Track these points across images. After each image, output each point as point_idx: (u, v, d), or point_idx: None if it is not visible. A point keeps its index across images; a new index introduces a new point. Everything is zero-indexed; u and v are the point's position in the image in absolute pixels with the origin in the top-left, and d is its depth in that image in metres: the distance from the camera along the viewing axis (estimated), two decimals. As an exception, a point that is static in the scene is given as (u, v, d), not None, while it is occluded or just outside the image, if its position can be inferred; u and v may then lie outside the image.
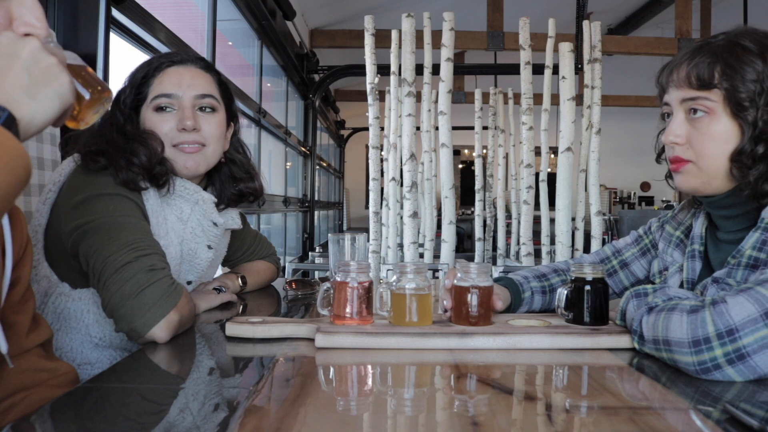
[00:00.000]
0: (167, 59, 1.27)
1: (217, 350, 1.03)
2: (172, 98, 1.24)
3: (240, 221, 1.46)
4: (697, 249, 1.09)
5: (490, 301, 1.04)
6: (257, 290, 1.59)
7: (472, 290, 1.02)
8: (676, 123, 1.02)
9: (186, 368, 0.95)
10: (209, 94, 1.28)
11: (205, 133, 1.26)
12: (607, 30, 8.14)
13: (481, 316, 1.02)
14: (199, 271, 1.34)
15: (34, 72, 0.69)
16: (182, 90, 1.25)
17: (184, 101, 1.24)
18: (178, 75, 1.26)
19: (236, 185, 1.38)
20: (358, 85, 9.21)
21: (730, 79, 0.97)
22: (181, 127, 1.23)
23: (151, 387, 0.81)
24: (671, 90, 1.04)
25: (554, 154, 3.20)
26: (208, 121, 1.27)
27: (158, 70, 1.25)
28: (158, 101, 1.24)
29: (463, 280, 1.03)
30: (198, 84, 1.27)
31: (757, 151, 0.96)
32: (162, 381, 0.86)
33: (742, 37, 0.99)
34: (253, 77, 4.58)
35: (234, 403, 0.72)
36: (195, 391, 0.78)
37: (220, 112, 1.30)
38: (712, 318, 0.79)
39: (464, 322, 1.02)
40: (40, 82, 0.69)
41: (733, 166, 0.98)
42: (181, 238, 1.27)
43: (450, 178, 3.02)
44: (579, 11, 4.36)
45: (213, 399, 0.75)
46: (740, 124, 0.97)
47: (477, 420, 0.65)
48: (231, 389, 0.80)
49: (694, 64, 1.00)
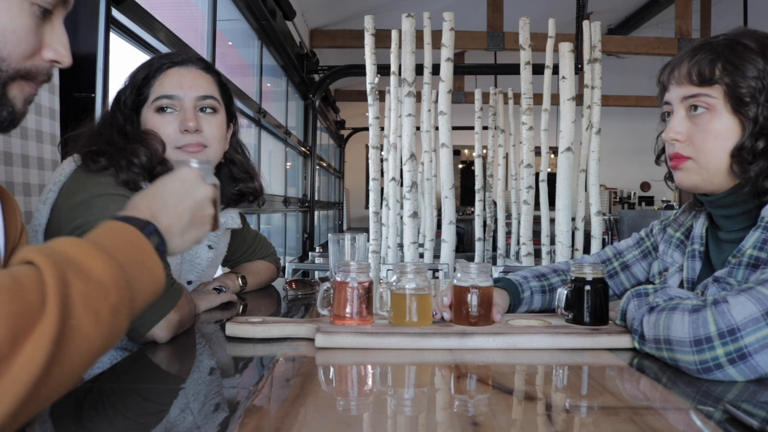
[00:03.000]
0: (168, 60, 1.27)
1: (217, 350, 1.02)
2: (173, 99, 1.24)
3: (240, 221, 1.46)
4: (698, 249, 1.09)
5: (491, 301, 1.04)
6: (257, 290, 1.59)
7: (472, 290, 1.02)
8: (677, 120, 1.02)
9: (186, 368, 0.95)
10: (210, 95, 1.28)
11: (206, 134, 1.26)
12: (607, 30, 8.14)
13: (481, 316, 1.02)
14: (200, 271, 1.34)
15: (196, 216, 0.79)
16: (183, 91, 1.25)
17: (186, 102, 1.25)
18: (180, 76, 1.26)
19: (236, 185, 1.38)
20: (358, 85, 9.21)
21: (731, 75, 0.97)
22: (183, 128, 1.23)
23: (151, 387, 0.81)
24: (672, 88, 1.04)
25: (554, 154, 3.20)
26: (209, 122, 1.27)
27: (159, 71, 1.26)
28: (160, 102, 1.24)
29: (463, 280, 1.03)
30: (199, 85, 1.27)
31: (758, 147, 0.96)
32: (162, 381, 0.86)
33: (743, 37, 1.00)
34: (253, 77, 4.58)
35: (234, 403, 0.72)
36: (195, 391, 0.78)
37: (220, 112, 1.30)
38: (713, 317, 0.79)
39: (464, 322, 1.02)
40: (194, 226, 0.79)
41: (733, 162, 0.98)
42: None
43: (450, 178, 3.02)
44: (579, 11, 4.36)
45: (213, 399, 0.75)
46: (741, 120, 0.97)
47: (477, 420, 0.65)
48: (231, 389, 0.80)
49: (695, 61, 1.00)
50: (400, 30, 2.93)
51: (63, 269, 0.57)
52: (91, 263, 0.60)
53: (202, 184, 0.81)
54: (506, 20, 5.68)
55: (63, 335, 0.54)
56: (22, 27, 0.72)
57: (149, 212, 0.74)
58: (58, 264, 0.57)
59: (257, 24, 4.33)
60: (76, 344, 0.56)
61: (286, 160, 5.81)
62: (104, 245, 0.64)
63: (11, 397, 0.50)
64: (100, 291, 0.59)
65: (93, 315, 0.58)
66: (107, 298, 0.60)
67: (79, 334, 0.56)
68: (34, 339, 0.51)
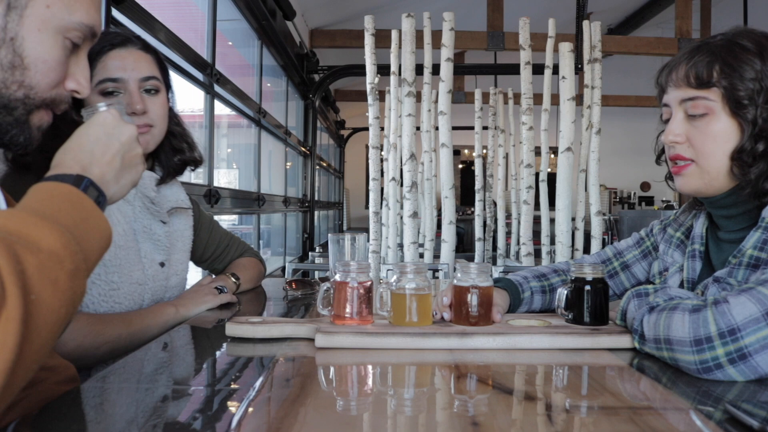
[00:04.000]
0: (107, 42, 1.26)
1: (217, 350, 1.03)
2: (118, 82, 1.24)
3: (186, 198, 1.45)
4: (698, 249, 1.09)
5: (491, 300, 1.04)
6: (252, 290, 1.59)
7: (472, 290, 1.02)
8: (676, 122, 1.02)
9: (186, 368, 0.95)
10: (153, 76, 1.29)
11: (152, 115, 1.28)
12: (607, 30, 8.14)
13: (481, 316, 1.02)
14: (165, 249, 1.33)
15: (126, 159, 0.79)
16: (127, 73, 1.25)
17: (130, 85, 1.25)
18: (121, 58, 1.25)
19: (176, 156, 1.39)
20: (358, 85, 9.21)
21: (728, 77, 0.97)
22: (130, 111, 1.24)
23: (151, 387, 0.81)
24: (670, 90, 1.04)
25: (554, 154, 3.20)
26: (154, 102, 1.28)
27: (100, 53, 1.25)
28: (104, 86, 1.23)
29: (463, 280, 1.03)
30: (142, 66, 1.27)
31: (758, 149, 0.96)
32: (162, 381, 0.86)
33: (741, 37, 0.99)
34: (253, 77, 4.58)
35: (234, 403, 0.72)
36: (195, 391, 0.78)
37: (162, 91, 1.31)
38: (714, 317, 0.79)
39: (464, 322, 1.02)
40: (126, 168, 0.79)
41: (733, 164, 0.98)
42: (129, 217, 1.27)
43: (450, 178, 3.03)
44: (579, 11, 4.36)
45: (213, 399, 0.75)
46: (740, 122, 0.97)
47: (477, 420, 0.65)
48: (231, 389, 0.80)
49: (692, 64, 1.00)
50: (400, 30, 2.93)
51: (11, 246, 0.54)
52: (38, 234, 0.58)
53: (125, 125, 0.80)
54: (506, 20, 5.68)
55: (27, 313, 0.52)
56: (54, 59, 0.75)
57: (79, 166, 0.73)
58: (4, 242, 0.54)
59: (257, 24, 4.33)
60: (41, 318, 0.54)
61: (286, 160, 5.81)
62: (45, 212, 0.63)
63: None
64: (53, 260, 0.58)
65: (51, 285, 0.56)
66: (63, 265, 0.59)
67: (42, 307, 0.55)
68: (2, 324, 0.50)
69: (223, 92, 3.47)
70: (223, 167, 4.80)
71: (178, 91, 1.46)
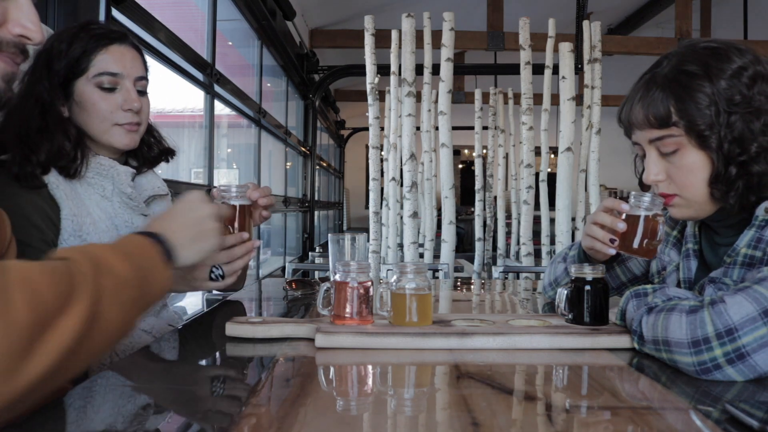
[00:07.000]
0: (108, 37, 1.27)
1: (218, 350, 1.03)
2: (116, 77, 1.25)
3: (163, 185, 1.45)
4: (692, 248, 1.10)
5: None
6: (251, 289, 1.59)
7: (655, 218, 1.03)
8: (652, 162, 1.03)
9: (186, 368, 0.95)
10: (144, 76, 1.31)
11: (143, 114, 1.30)
12: (607, 30, 8.13)
13: (655, 249, 1.04)
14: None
15: (199, 230, 0.91)
16: (126, 70, 1.26)
17: (127, 82, 1.26)
18: (121, 54, 1.27)
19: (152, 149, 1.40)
20: (358, 85, 9.20)
21: (685, 112, 0.97)
22: (127, 107, 1.25)
23: (151, 387, 0.81)
24: (636, 131, 1.05)
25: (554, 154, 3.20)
26: (144, 103, 1.30)
27: (101, 45, 1.25)
28: (102, 78, 1.24)
29: (640, 208, 1.04)
30: (136, 65, 1.29)
31: (731, 173, 0.96)
32: (162, 381, 0.86)
33: (686, 62, 0.99)
34: (253, 77, 4.58)
35: (234, 404, 0.72)
36: (195, 392, 0.78)
37: (147, 92, 1.33)
38: (711, 318, 0.79)
39: (641, 252, 1.04)
40: (199, 237, 0.91)
41: (712, 190, 0.98)
42: (110, 213, 1.27)
43: (450, 178, 3.03)
44: (579, 11, 4.36)
45: (213, 399, 0.75)
46: (707, 152, 0.97)
47: (477, 420, 0.65)
48: (231, 389, 0.80)
49: (648, 104, 1.00)
50: (400, 30, 2.93)
51: (94, 264, 0.69)
52: (115, 262, 0.72)
53: (204, 204, 0.94)
54: (506, 20, 5.68)
55: (92, 317, 0.65)
56: None
57: (160, 227, 0.88)
58: (90, 260, 0.69)
59: (257, 24, 4.34)
60: (101, 325, 0.67)
61: (286, 160, 5.81)
62: (123, 250, 0.77)
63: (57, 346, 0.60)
64: (122, 285, 0.71)
65: (118, 303, 0.70)
66: (128, 291, 0.72)
67: (104, 316, 0.67)
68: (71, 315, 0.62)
69: (223, 92, 3.47)
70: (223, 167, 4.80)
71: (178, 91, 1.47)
